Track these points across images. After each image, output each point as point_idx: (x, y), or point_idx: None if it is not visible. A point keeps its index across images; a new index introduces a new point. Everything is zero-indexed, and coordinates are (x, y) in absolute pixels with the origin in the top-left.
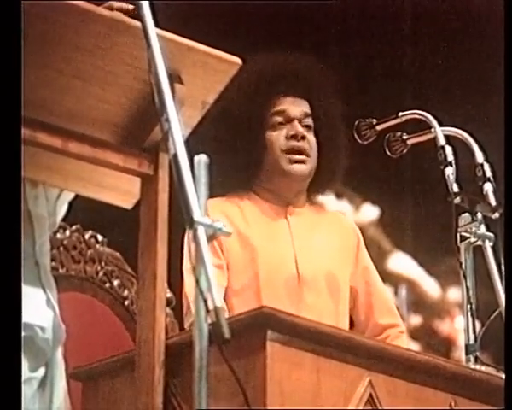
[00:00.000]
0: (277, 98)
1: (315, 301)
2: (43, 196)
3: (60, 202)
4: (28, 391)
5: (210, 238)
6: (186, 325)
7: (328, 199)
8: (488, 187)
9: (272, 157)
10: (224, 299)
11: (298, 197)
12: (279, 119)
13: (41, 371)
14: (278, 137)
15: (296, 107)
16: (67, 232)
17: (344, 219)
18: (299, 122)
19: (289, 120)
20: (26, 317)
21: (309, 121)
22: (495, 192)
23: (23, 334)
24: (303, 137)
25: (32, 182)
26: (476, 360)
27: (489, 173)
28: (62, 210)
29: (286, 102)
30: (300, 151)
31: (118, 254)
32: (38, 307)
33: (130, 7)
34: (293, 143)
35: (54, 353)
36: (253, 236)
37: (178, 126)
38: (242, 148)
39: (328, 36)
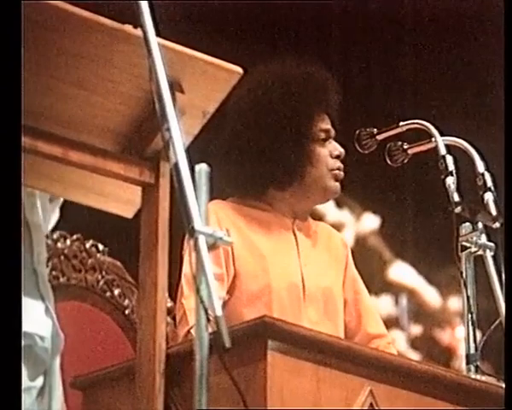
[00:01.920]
0: (323, 114)
1: (317, 316)
2: (39, 204)
3: (51, 208)
4: (28, 400)
5: (211, 248)
6: (180, 333)
7: (329, 209)
8: (489, 196)
9: (318, 173)
10: (234, 308)
11: (305, 213)
12: (323, 136)
13: (40, 381)
14: (325, 155)
15: (330, 126)
16: (68, 241)
17: (332, 231)
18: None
19: (328, 138)
20: (26, 326)
21: None
22: (496, 202)
23: (22, 343)
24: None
25: (29, 190)
26: (477, 369)
27: (490, 183)
28: (53, 218)
29: (327, 121)
30: (342, 170)
31: (118, 263)
32: (37, 316)
33: None
34: (338, 163)
35: (52, 362)
36: (262, 245)
37: (179, 135)
38: (282, 155)
39: (329, 45)
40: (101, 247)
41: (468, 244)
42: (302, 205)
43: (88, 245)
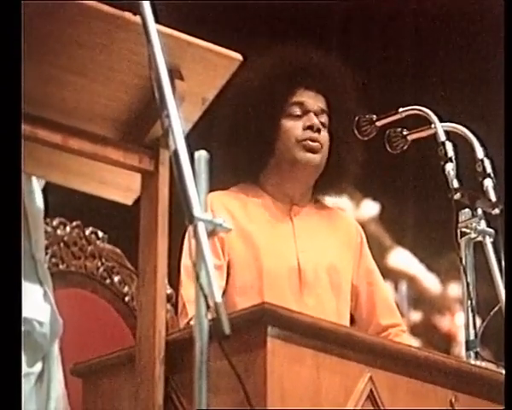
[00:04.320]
0: (298, 90)
1: (315, 303)
2: (36, 190)
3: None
4: (26, 386)
5: (210, 234)
6: (181, 325)
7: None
8: (488, 183)
9: (285, 146)
10: (227, 297)
11: (303, 197)
12: (297, 110)
13: (38, 366)
14: (294, 127)
15: (315, 101)
16: (68, 228)
17: (347, 217)
18: (316, 116)
19: (306, 113)
20: (25, 311)
21: (324, 118)
22: (495, 188)
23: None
24: (318, 130)
25: (26, 176)
26: (476, 355)
27: (489, 169)
28: None
29: (305, 95)
30: (315, 140)
31: (118, 251)
32: (36, 302)
33: None
34: (309, 133)
35: (51, 347)
36: (256, 233)
37: (179, 122)
38: (256, 134)
39: (329, 32)
40: (100, 234)
41: (467, 230)
42: (290, 185)
43: (87, 232)
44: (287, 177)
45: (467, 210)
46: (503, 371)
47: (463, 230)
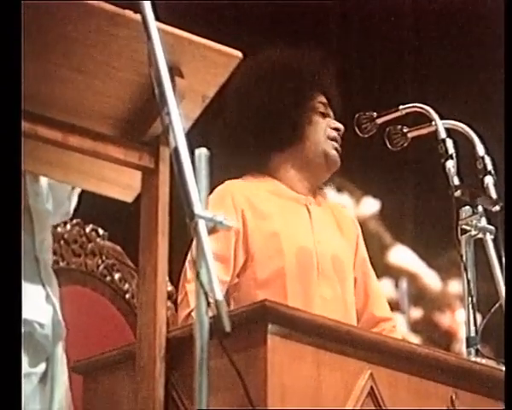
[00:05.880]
0: (319, 93)
1: (330, 294)
2: (46, 191)
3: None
4: (28, 386)
5: (211, 231)
6: (181, 315)
7: (329, 192)
8: (489, 180)
9: (316, 138)
10: (246, 290)
11: (315, 188)
12: (322, 109)
13: (41, 367)
14: (323, 124)
15: (327, 104)
16: (68, 226)
17: (345, 211)
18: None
19: (327, 115)
20: (25, 313)
21: None
22: (496, 185)
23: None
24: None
25: (33, 177)
26: (477, 352)
27: (490, 166)
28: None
29: (324, 98)
30: (339, 144)
31: (118, 248)
32: (37, 303)
33: None
34: (336, 134)
35: (54, 348)
36: (276, 222)
37: (179, 120)
38: (281, 117)
39: (330, 29)
40: (101, 231)
41: (468, 228)
42: (308, 174)
43: (88, 230)
44: (308, 164)
45: (467, 207)
46: (504, 368)
47: (464, 227)
